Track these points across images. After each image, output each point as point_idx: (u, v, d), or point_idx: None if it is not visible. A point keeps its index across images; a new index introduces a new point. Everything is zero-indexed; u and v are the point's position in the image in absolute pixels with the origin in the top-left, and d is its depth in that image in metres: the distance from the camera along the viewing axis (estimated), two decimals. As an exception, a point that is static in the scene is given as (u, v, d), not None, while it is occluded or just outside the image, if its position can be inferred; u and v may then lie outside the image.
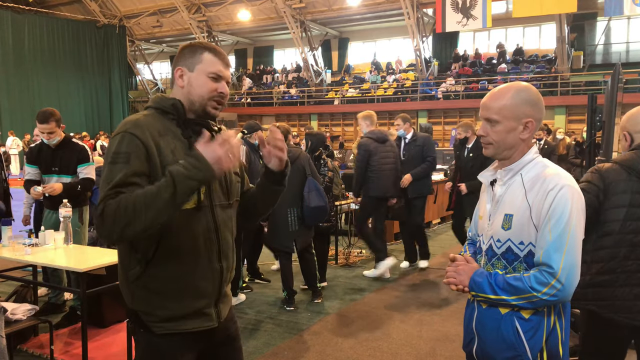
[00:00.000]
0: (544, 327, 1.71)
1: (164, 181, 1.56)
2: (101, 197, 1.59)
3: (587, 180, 2.48)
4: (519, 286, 1.66)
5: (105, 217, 1.55)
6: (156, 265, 1.70)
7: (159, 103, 1.78)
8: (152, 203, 1.54)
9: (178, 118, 1.76)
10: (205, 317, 1.80)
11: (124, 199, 1.56)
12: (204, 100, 1.76)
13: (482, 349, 1.82)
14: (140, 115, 1.74)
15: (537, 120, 1.76)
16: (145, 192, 1.56)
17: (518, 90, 1.76)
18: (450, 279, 1.83)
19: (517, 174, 1.77)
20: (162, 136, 1.70)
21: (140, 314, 1.75)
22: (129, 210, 1.53)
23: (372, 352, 3.95)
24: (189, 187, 1.57)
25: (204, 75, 1.76)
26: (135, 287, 1.74)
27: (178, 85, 1.79)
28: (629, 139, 2.54)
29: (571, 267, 1.62)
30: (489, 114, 1.78)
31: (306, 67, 25.11)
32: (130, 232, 1.56)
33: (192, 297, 1.75)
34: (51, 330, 3.74)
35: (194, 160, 1.57)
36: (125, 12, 28.11)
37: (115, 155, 1.64)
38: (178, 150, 1.71)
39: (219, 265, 1.80)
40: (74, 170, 4.44)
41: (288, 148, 4.85)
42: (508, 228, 1.73)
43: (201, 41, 1.85)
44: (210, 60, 1.77)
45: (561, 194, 1.64)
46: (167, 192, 1.54)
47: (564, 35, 19.22)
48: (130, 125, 1.68)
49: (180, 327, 1.75)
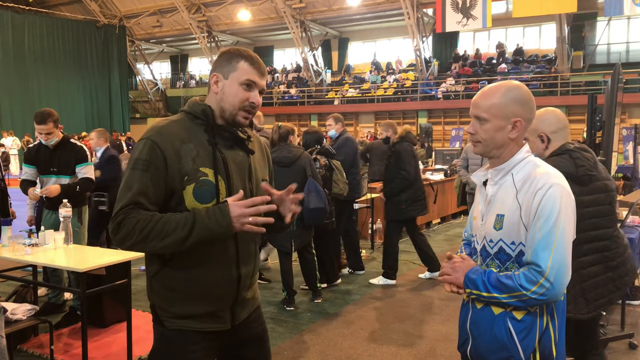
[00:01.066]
0: (537, 328, 1.71)
1: (184, 220, 1.65)
2: (122, 204, 1.67)
3: None
4: (510, 284, 1.66)
5: (121, 228, 1.65)
6: (172, 265, 1.76)
7: (191, 108, 1.82)
8: (167, 236, 1.64)
9: (207, 124, 1.78)
10: (218, 319, 1.82)
11: (143, 219, 1.65)
12: (235, 109, 1.78)
13: (476, 350, 1.82)
14: (167, 122, 1.78)
15: (526, 120, 1.75)
16: (165, 222, 1.65)
17: (508, 89, 1.75)
18: (446, 275, 1.83)
19: (508, 174, 1.76)
20: (184, 143, 1.73)
21: (156, 308, 1.82)
22: (143, 233, 1.64)
23: (372, 352, 3.95)
24: (204, 236, 1.65)
25: (237, 84, 1.77)
26: (154, 282, 1.81)
27: (212, 91, 1.81)
28: (546, 140, 2.57)
29: (560, 265, 1.62)
30: (478, 112, 1.77)
31: (306, 67, 25.11)
32: (139, 249, 1.68)
33: (204, 300, 1.77)
34: (51, 330, 3.74)
35: (219, 214, 1.65)
36: (125, 12, 28.12)
37: (136, 162, 1.70)
38: (201, 157, 1.73)
39: (237, 272, 1.81)
40: (72, 171, 4.44)
41: (289, 148, 4.89)
42: (500, 228, 1.73)
43: (240, 48, 1.84)
44: (246, 69, 1.77)
45: (550, 193, 1.64)
46: (183, 232, 1.64)
47: (564, 35, 19.22)
48: (154, 132, 1.73)
49: (189, 325, 1.78)
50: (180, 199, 1.71)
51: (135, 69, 31.22)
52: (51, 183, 4.43)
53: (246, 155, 1.85)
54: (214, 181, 1.73)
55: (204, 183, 1.72)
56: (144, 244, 1.65)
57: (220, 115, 1.80)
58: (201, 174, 1.72)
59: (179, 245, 1.65)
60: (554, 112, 2.63)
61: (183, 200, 1.71)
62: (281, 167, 4.77)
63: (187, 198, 1.71)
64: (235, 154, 1.81)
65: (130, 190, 1.67)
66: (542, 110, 2.62)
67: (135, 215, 1.64)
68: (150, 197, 1.68)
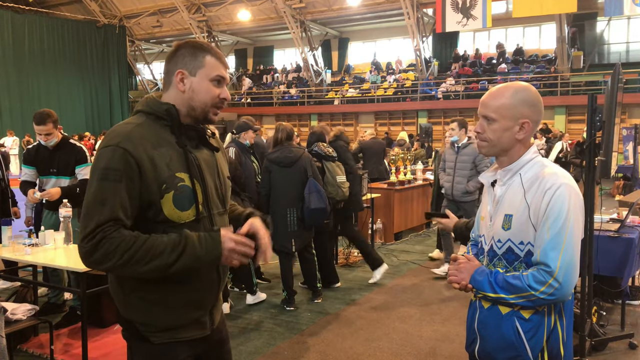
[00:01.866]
0: (545, 327, 1.71)
1: (173, 243, 1.55)
2: (97, 221, 1.51)
3: None
4: (518, 285, 1.66)
5: (99, 248, 1.51)
6: (154, 278, 1.62)
7: (152, 108, 1.69)
8: (153, 260, 1.53)
9: (172, 125, 1.67)
10: (200, 326, 1.77)
11: (127, 241, 1.52)
12: (207, 106, 1.70)
13: (484, 349, 1.82)
14: (132, 126, 1.63)
15: (534, 122, 1.75)
16: (150, 245, 1.53)
17: (517, 90, 1.76)
18: (452, 277, 1.84)
19: (516, 174, 1.77)
20: (156, 149, 1.61)
21: (137, 325, 1.70)
22: (126, 256, 1.51)
23: (372, 352, 3.95)
24: (190, 264, 1.57)
25: (207, 81, 1.69)
26: (131, 298, 1.68)
27: (178, 90, 1.69)
28: None
29: (569, 265, 1.62)
30: (486, 112, 1.78)
31: (306, 67, 25.11)
32: (119, 272, 1.58)
33: (190, 307, 1.72)
34: (51, 330, 3.74)
35: (211, 243, 1.58)
36: (125, 12, 28.12)
37: (106, 172, 1.55)
38: (174, 161, 1.63)
39: (217, 275, 1.77)
40: (72, 172, 4.44)
41: (290, 148, 4.89)
42: (508, 228, 1.74)
43: (197, 41, 1.76)
44: (213, 64, 1.69)
45: (558, 193, 1.64)
46: (170, 258, 1.54)
47: (564, 35, 19.22)
48: (122, 138, 1.58)
49: (177, 336, 1.71)
50: (158, 209, 1.60)
51: (135, 69, 31.22)
52: (51, 184, 4.42)
53: (211, 152, 1.79)
54: (191, 185, 1.65)
55: (182, 189, 1.62)
56: (124, 267, 1.52)
57: (188, 113, 1.70)
58: (178, 179, 1.62)
59: (161, 271, 1.54)
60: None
61: (161, 209, 1.60)
62: (282, 167, 4.78)
63: (165, 207, 1.60)
64: (203, 153, 1.75)
65: (104, 205, 1.52)
66: None
67: (117, 235, 1.51)
68: (127, 211, 1.55)
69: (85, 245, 1.52)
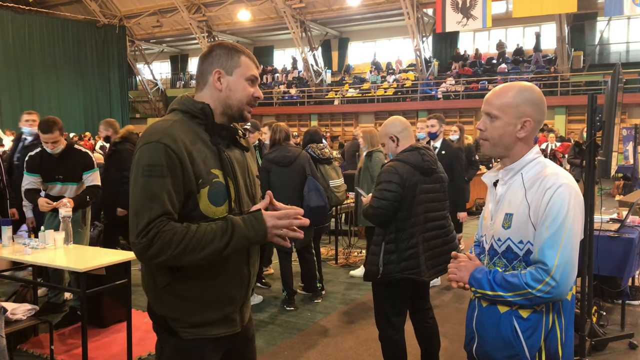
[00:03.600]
0: (542, 327, 1.71)
1: (222, 229, 1.59)
2: (149, 217, 1.56)
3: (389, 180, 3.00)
4: (515, 282, 1.67)
5: (155, 242, 1.55)
6: (187, 274, 1.68)
7: (188, 106, 1.73)
8: (207, 247, 1.58)
9: (207, 123, 1.72)
10: (231, 323, 1.79)
11: (180, 232, 1.57)
12: (243, 104, 1.76)
13: (482, 348, 1.83)
14: (170, 122, 1.68)
15: (536, 122, 1.77)
16: (202, 233, 1.58)
17: (521, 90, 1.78)
18: (452, 275, 1.85)
19: (517, 174, 1.78)
20: (193, 144, 1.66)
21: (168, 320, 1.73)
22: (181, 247, 1.56)
23: (372, 352, 3.94)
24: (242, 245, 1.62)
25: (243, 80, 1.75)
26: (163, 293, 1.71)
27: (215, 88, 1.74)
28: (396, 140, 3.13)
29: (566, 264, 1.62)
30: (489, 109, 1.80)
31: (306, 67, 25.10)
32: (172, 263, 1.60)
33: (222, 303, 1.74)
34: (51, 330, 3.74)
35: (256, 223, 1.61)
36: (125, 12, 28.10)
37: (151, 168, 1.59)
38: (208, 159, 1.68)
39: (247, 271, 1.80)
40: (79, 178, 4.43)
41: (288, 148, 4.89)
42: (508, 227, 1.75)
43: (231, 42, 1.83)
44: (248, 64, 1.77)
45: (558, 193, 1.65)
46: (222, 242, 1.59)
47: (564, 35, 19.22)
48: (162, 134, 1.62)
49: (207, 332, 1.73)
50: (195, 204, 1.65)
51: (135, 69, 31.20)
52: (56, 190, 4.43)
53: (242, 152, 1.84)
54: (224, 182, 1.70)
55: (217, 185, 1.68)
56: (180, 257, 1.57)
57: (223, 112, 1.76)
58: (213, 175, 1.67)
59: (216, 256, 1.60)
60: (398, 118, 3.24)
61: (197, 204, 1.65)
62: (280, 166, 4.77)
63: (201, 202, 1.65)
64: (234, 152, 1.80)
65: (153, 201, 1.56)
66: (390, 119, 3.23)
67: (169, 228, 1.56)
68: (174, 205, 1.60)
69: (141, 241, 1.56)
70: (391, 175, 3.01)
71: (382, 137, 3.20)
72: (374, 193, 3.05)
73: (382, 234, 3.07)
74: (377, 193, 3.02)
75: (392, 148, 3.15)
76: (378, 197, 3.00)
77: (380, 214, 3.01)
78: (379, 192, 3.01)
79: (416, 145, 3.13)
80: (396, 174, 3.00)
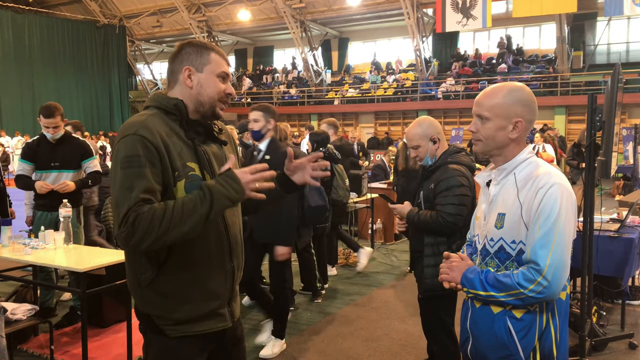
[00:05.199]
0: (536, 327, 1.71)
1: (200, 196, 1.58)
2: (127, 205, 1.55)
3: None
4: (507, 282, 1.67)
5: (137, 227, 1.53)
6: (169, 269, 1.68)
7: (161, 102, 1.74)
8: (189, 218, 1.56)
9: (181, 119, 1.73)
10: (219, 318, 1.79)
11: (159, 210, 1.55)
12: (214, 101, 1.76)
13: (476, 348, 1.83)
14: (145, 116, 1.70)
15: (527, 122, 1.76)
16: (182, 205, 1.57)
17: (511, 90, 1.78)
18: (444, 275, 1.85)
19: (510, 174, 1.78)
20: (169, 137, 1.68)
21: (153, 318, 1.73)
22: (164, 224, 1.54)
23: (372, 352, 3.95)
24: (225, 205, 1.61)
25: (214, 76, 1.75)
26: (147, 291, 1.71)
27: (186, 85, 1.75)
28: (438, 141, 2.99)
29: (558, 264, 1.62)
30: (480, 111, 1.80)
31: (306, 67, 25.11)
32: (161, 243, 1.58)
33: (206, 298, 1.74)
34: (51, 330, 3.74)
35: (232, 181, 1.61)
36: (125, 12, 28.11)
37: (129, 159, 1.59)
38: (184, 153, 1.70)
39: (231, 265, 1.80)
40: (76, 165, 4.42)
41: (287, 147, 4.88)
42: (500, 227, 1.75)
43: (199, 40, 1.83)
44: (218, 61, 1.77)
45: (550, 192, 1.65)
46: (204, 208, 1.57)
47: (564, 35, 19.22)
48: (139, 127, 1.64)
49: (194, 329, 1.73)
50: (172, 196, 1.65)
51: (135, 69, 31.21)
52: (51, 178, 4.38)
53: (219, 147, 1.85)
54: (201, 175, 1.70)
55: (193, 178, 1.68)
56: (167, 235, 1.55)
57: (195, 109, 1.76)
58: (189, 168, 1.68)
59: (203, 222, 1.58)
60: (429, 118, 3.08)
61: (174, 197, 1.66)
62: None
63: (178, 194, 1.66)
64: (211, 147, 1.81)
65: (132, 190, 1.56)
66: (422, 119, 3.06)
67: (147, 209, 1.54)
68: (155, 193, 1.60)
69: (123, 230, 1.55)
70: (462, 179, 2.87)
71: (420, 139, 2.99)
72: (445, 200, 2.84)
73: (445, 243, 2.88)
74: (454, 199, 2.83)
75: (432, 150, 2.99)
76: (456, 203, 2.82)
77: (459, 221, 2.82)
78: (456, 197, 2.83)
79: (458, 145, 3.04)
80: (464, 177, 2.88)
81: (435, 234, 2.91)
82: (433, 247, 2.91)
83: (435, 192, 2.91)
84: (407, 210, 3.02)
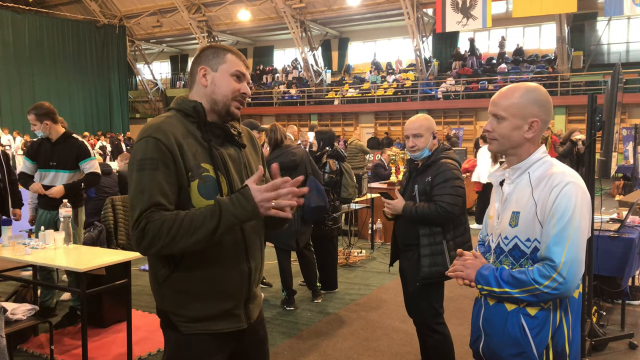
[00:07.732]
0: (550, 325, 1.72)
1: (210, 212, 1.60)
2: (140, 209, 1.61)
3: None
4: (523, 279, 1.68)
5: (146, 233, 1.59)
6: (184, 267, 1.71)
7: (181, 105, 1.79)
8: (196, 231, 1.59)
9: (199, 121, 1.76)
10: (235, 318, 1.79)
11: (169, 219, 1.59)
12: (228, 100, 1.78)
13: (488, 346, 1.84)
14: (163, 118, 1.75)
15: (543, 122, 1.78)
16: (191, 217, 1.60)
17: (528, 90, 1.79)
18: (458, 272, 1.85)
19: (524, 173, 1.80)
20: (184, 139, 1.71)
21: (169, 314, 1.76)
22: (172, 233, 1.59)
23: (372, 352, 3.95)
24: (232, 223, 1.62)
25: (228, 75, 1.78)
26: (163, 288, 1.75)
27: (201, 84, 1.79)
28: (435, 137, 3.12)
29: (573, 261, 1.64)
30: (496, 110, 1.81)
31: (306, 67, 25.10)
32: (168, 251, 1.62)
33: (220, 298, 1.75)
34: (51, 330, 3.74)
35: (244, 200, 1.60)
36: (125, 12, 28.11)
37: (143, 162, 1.65)
38: (199, 154, 1.72)
39: (247, 267, 1.80)
40: (72, 166, 4.43)
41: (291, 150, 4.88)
42: (515, 225, 1.76)
43: (222, 44, 1.88)
44: (234, 60, 1.80)
45: (565, 190, 1.67)
46: (212, 224, 1.59)
47: (564, 35, 19.22)
48: (154, 129, 1.69)
49: (208, 327, 1.75)
50: (187, 196, 1.68)
51: (135, 69, 31.20)
52: (50, 177, 4.42)
53: (238, 149, 1.85)
54: (215, 177, 1.72)
55: (207, 179, 1.70)
56: (173, 244, 1.59)
57: (211, 109, 1.79)
58: (203, 169, 1.70)
59: (209, 238, 1.60)
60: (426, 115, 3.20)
61: (189, 197, 1.68)
62: (288, 171, 4.76)
63: (192, 195, 1.68)
64: (229, 149, 1.82)
65: (144, 193, 1.61)
66: (426, 115, 3.18)
67: (158, 217, 1.59)
68: (168, 196, 1.64)
69: (135, 233, 1.62)
70: (458, 173, 3.04)
71: (425, 130, 3.08)
72: (444, 191, 2.98)
73: (440, 233, 3.02)
74: (451, 190, 2.98)
75: (431, 144, 3.12)
76: (454, 194, 2.97)
77: (456, 211, 2.97)
78: (453, 189, 2.98)
79: (446, 144, 3.20)
80: (459, 171, 3.06)
81: (431, 225, 3.03)
82: (429, 237, 3.03)
83: (433, 184, 3.02)
84: (402, 205, 3.07)
